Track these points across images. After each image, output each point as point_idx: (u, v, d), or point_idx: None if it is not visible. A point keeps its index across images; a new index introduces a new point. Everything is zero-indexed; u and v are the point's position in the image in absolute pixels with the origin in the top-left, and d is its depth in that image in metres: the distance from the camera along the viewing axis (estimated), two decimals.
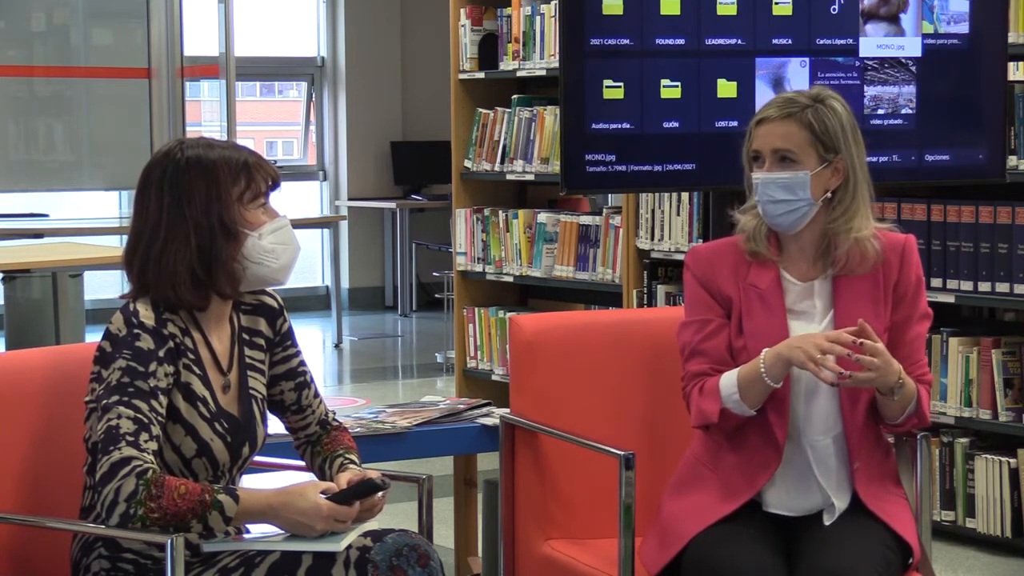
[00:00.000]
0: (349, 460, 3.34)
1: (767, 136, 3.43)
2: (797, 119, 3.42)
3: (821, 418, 3.44)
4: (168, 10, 8.03)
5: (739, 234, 3.52)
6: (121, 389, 3.07)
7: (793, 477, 3.44)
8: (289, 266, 3.25)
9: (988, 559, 5.51)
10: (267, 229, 3.21)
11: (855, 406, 3.42)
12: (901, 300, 3.49)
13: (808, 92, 3.49)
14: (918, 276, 3.52)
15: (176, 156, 3.18)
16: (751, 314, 3.47)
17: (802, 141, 3.41)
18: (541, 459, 3.81)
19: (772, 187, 3.41)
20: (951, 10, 5.10)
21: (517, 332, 3.86)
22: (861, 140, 3.48)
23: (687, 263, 3.57)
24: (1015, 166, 5.43)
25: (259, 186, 3.21)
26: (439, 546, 3.35)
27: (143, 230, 3.18)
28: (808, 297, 3.48)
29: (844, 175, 3.44)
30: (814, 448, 3.43)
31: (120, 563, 3.14)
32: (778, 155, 3.42)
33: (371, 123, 12.21)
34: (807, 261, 3.49)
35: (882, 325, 3.45)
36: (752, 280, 3.48)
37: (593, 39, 4.76)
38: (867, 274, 3.46)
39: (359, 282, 12.31)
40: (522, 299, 7.84)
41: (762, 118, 3.45)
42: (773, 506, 3.43)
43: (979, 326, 5.78)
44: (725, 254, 3.53)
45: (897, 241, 3.51)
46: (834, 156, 3.43)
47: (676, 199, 6.55)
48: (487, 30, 7.54)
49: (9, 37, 8.35)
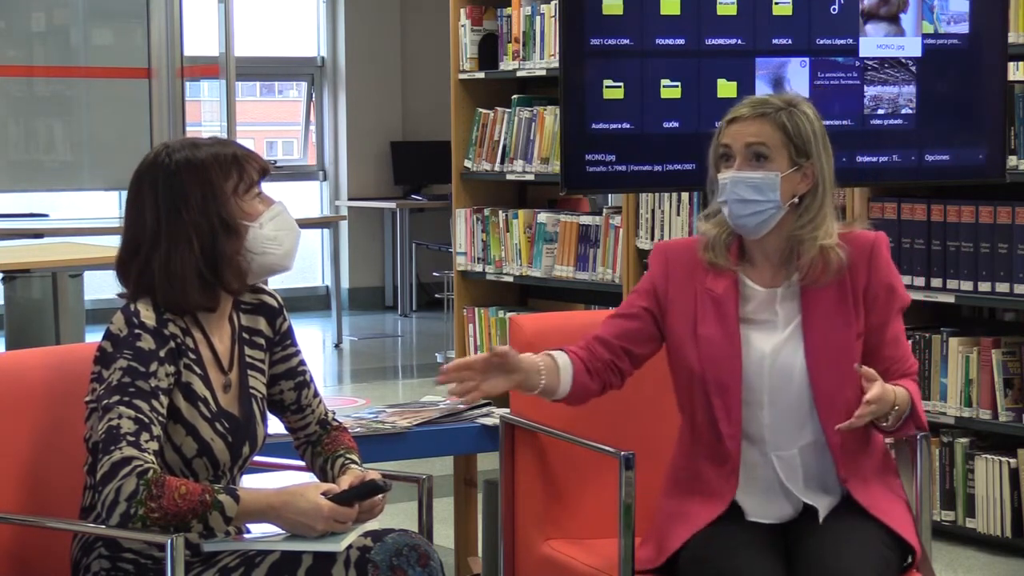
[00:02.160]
0: (350, 460, 3.34)
1: (739, 133, 3.39)
2: (771, 119, 3.38)
3: (787, 429, 3.40)
4: (168, 10, 8.03)
5: (699, 238, 3.49)
6: (122, 389, 3.07)
7: (760, 488, 3.42)
8: (293, 251, 3.25)
9: (988, 559, 5.51)
10: (266, 217, 3.21)
11: (832, 417, 3.37)
12: (874, 303, 3.44)
13: (781, 96, 3.47)
14: (888, 277, 3.46)
15: (164, 161, 3.17)
16: (705, 319, 3.43)
17: (776, 141, 3.37)
18: (541, 459, 3.81)
19: (741, 186, 3.37)
20: (951, 10, 5.10)
21: (517, 332, 3.86)
22: (830, 150, 3.44)
23: (651, 254, 3.57)
24: (1015, 166, 5.43)
25: (251, 176, 3.20)
26: (439, 546, 3.35)
27: (141, 239, 3.17)
28: (770, 306, 3.43)
29: (813, 181, 3.40)
30: (780, 459, 3.41)
31: (120, 563, 3.14)
32: (751, 150, 3.37)
33: (371, 123, 12.21)
34: (771, 268, 3.45)
35: (854, 332, 3.41)
36: (709, 284, 3.45)
37: (593, 39, 4.76)
38: (834, 283, 3.41)
39: (359, 282, 12.31)
40: (522, 299, 7.84)
41: (734, 117, 3.41)
42: (753, 514, 3.42)
43: (979, 326, 5.78)
44: (685, 255, 3.50)
45: (865, 242, 3.46)
46: (805, 161, 3.38)
47: (676, 199, 6.55)
48: (487, 30, 7.54)
49: (9, 37, 8.35)
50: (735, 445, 3.40)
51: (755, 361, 3.41)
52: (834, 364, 3.39)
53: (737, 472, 3.41)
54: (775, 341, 3.42)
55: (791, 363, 3.40)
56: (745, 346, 3.41)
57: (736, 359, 3.41)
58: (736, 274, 3.45)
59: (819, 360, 3.39)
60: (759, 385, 3.40)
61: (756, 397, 3.41)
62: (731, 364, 3.41)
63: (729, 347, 3.41)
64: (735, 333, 3.42)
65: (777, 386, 3.40)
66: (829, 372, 3.39)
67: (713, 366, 3.42)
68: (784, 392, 3.40)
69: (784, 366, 3.40)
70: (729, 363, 3.41)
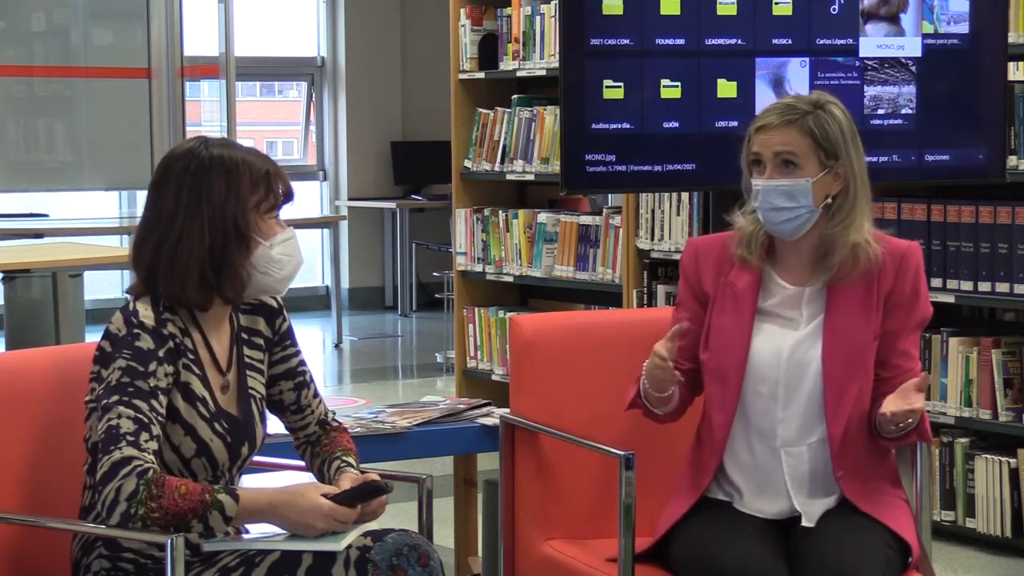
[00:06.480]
0: (346, 463, 3.33)
1: (768, 142, 3.41)
2: (798, 125, 3.40)
3: (797, 425, 3.42)
4: (168, 10, 8.03)
5: (734, 233, 3.51)
6: (121, 389, 3.07)
7: (760, 480, 3.44)
8: (291, 277, 3.26)
9: (988, 559, 5.51)
10: (277, 239, 3.22)
11: (837, 415, 3.40)
12: (894, 310, 3.45)
13: (808, 98, 3.48)
14: (915, 287, 3.47)
15: (200, 153, 3.19)
16: (722, 311, 3.47)
17: (804, 147, 3.40)
18: (541, 459, 3.81)
19: (773, 194, 3.39)
20: (951, 10, 5.10)
21: (517, 332, 3.86)
22: (860, 145, 3.46)
23: (682, 254, 3.60)
24: (1015, 166, 5.43)
25: (276, 197, 3.22)
26: (439, 546, 3.35)
27: (157, 222, 3.18)
28: (796, 305, 3.46)
29: (844, 181, 3.43)
30: (788, 454, 3.42)
31: (120, 563, 3.14)
32: (780, 159, 3.40)
33: (371, 123, 12.21)
34: (803, 267, 3.47)
35: (871, 333, 3.43)
36: (733, 278, 3.48)
37: (593, 39, 4.76)
38: (861, 281, 3.43)
39: (359, 282, 12.31)
40: (522, 299, 7.84)
41: (762, 124, 3.43)
42: (752, 509, 3.43)
43: (979, 326, 5.78)
44: (714, 250, 3.54)
45: (898, 249, 3.48)
46: (835, 162, 3.41)
47: (676, 199, 6.55)
48: (487, 30, 7.54)
49: (9, 37, 8.35)
50: (723, 434, 3.43)
51: (770, 354, 3.42)
52: (847, 361, 3.41)
53: (718, 460, 3.44)
54: (795, 338, 3.43)
55: (808, 359, 3.42)
56: (757, 338, 3.43)
57: (742, 350, 3.42)
58: (760, 271, 3.47)
59: (835, 358, 3.40)
60: (775, 379, 3.41)
61: (772, 391, 3.42)
62: (736, 354, 3.42)
63: (737, 337, 3.43)
64: (747, 325, 3.44)
65: (793, 382, 3.41)
66: (841, 368, 3.40)
67: (717, 355, 3.45)
68: (799, 388, 3.41)
69: (800, 362, 3.42)
70: (734, 353, 3.43)
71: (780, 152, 3.40)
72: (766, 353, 3.43)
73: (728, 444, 3.45)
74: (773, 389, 3.43)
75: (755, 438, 3.44)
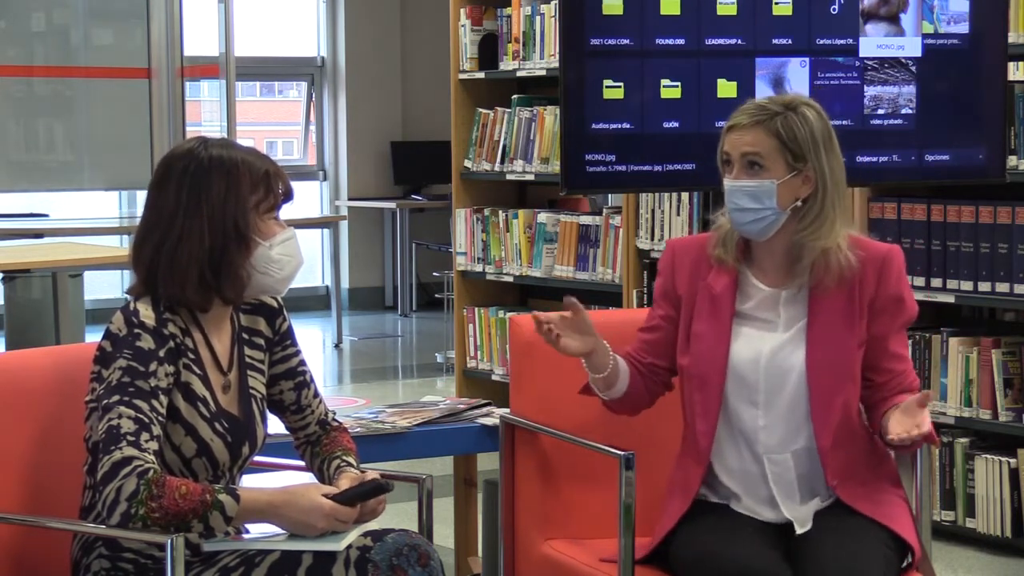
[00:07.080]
0: (346, 463, 3.33)
1: (736, 142, 3.39)
2: (765, 127, 3.37)
3: (780, 432, 3.41)
4: (168, 10, 8.03)
5: (712, 233, 3.50)
6: (122, 389, 3.07)
7: (750, 485, 3.43)
8: (291, 277, 3.26)
9: (988, 559, 5.51)
10: (277, 239, 3.22)
11: (826, 426, 3.38)
12: (879, 314, 3.43)
13: (782, 99, 3.46)
14: (898, 290, 3.44)
15: (200, 153, 3.19)
16: (700, 315, 3.46)
17: (770, 149, 3.37)
18: (541, 459, 3.81)
19: (738, 195, 3.38)
20: (951, 10, 5.10)
21: (517, 332, 3.86)
22: (837, 149, 3.43)
23: (662, 253, 3.60)
24: (1015, 166, 5.43)
25: (276, 197, 3.23)
26: (439, 546, 3.35)
27: (157, 222, 3.18)
28: (772, 306, 3.44)
29: (814, 185, 3.40)
30: (772, 461, 3.41)
31: (120, 563, 3.14)
32: (747, 159, 3.38)
33: (371, 123, 12.21)
34: (777, 269, 3.45)
35: (856, 341, 3.41)
36: (711, 281, 3.47)
37: (593, 39, 4.76)
38: (843, 290, 3.41)
39: (359, 282, 12.31)
40: (522, 299, 7.84)
41: (733, 124, 3.41)
42: (743, 508, 3.43)
43: (979, 326, 5.78)
44: (692, 251, 3.52)
45: (879, 253, 3.45)
46: (803, 165, 3.38)
47: (676, 199, 6.55)
48: (487, 30, 7.54)
49: (9, 37, 8.35)
50: (707, 442, 3.43)
51: (748, 359, 3.41)
52: (832, 370, 3.39)
53: (705, 467, 3.43)
54: (775, 341, 3.42)
55: (789, 365, 3.40)
56: (736, 342, 3.42)
57: (722, 355, 3.42)
58: (739, 272, 3.46)
59: (819, 365, 3.39)
60: (754, 384, 3.40)
61: (751, 396, 3.41)
62: (716, 360, 3.42)
63: (716, 343, 3.42)
64: (725, 330, 3.43)
65: (773, 387, 3.40)
66: (827, 378, 3.39)
67: (698, 362, 3.44)
68: (780, 394, 3.40)
69: (781, 367, 3.40)
70: (714, 359, 3.42)
71: (747, 153, 3.38)
72: (745, 357, 3.42)
73: (715, 450, 3.44)
74: (753, 395, 3.42)
75: (741, 443, 3.43)
